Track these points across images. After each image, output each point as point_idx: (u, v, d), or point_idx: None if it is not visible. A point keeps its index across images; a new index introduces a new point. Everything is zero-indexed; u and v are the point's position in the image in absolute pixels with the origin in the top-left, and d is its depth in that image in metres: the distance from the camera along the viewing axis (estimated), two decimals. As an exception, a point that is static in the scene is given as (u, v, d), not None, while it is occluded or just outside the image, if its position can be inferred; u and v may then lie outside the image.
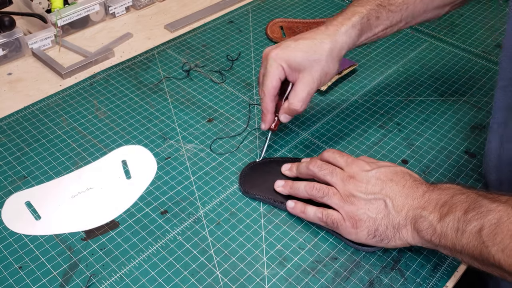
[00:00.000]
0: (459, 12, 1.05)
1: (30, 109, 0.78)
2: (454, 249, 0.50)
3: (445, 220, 0.51)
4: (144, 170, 0.69)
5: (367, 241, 0.56)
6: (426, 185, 0.55)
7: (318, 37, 0.63)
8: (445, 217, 0.51)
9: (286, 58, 0.63)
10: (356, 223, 0.56)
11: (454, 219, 0.50)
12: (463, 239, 0.49)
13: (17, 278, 0.56)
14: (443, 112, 0.80)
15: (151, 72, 0.87)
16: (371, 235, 0.55)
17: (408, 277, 0.57)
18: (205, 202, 0.65)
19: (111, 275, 0.56)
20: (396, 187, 0.56)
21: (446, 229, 0.50)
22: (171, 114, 0.78)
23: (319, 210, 0.59)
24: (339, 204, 0.57)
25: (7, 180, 0.67)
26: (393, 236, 0.55)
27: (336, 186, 0.58)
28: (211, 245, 0.60)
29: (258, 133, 0.75)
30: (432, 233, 0.52)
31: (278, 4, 1.07)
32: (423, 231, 0.52)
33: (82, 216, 0.63)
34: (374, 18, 0.66)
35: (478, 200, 0.50)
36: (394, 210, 0.55)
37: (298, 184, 0.61)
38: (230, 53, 0.92)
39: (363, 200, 0.56)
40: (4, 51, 0.87)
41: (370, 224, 0.55)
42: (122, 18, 1.01)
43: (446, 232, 0.50)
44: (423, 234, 0.52)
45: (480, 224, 0.48)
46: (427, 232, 0.52)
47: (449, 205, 0.51)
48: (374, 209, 0.55)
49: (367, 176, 0.57)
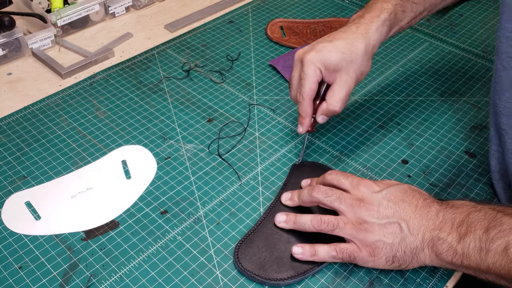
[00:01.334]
0: (459, 12, 1.05)
1: (30, 109, 0.78)
2: (478, 269, 0.49)
3: (466, 240, 0.49)
4: (144, 170, 0.69)
5: (385, 267, 0.54)
6: (438, 203, 0.54)
7: (351, 37, 0.63)
8: (465, 237, 0.49)
9: (323, 60, 0.62)
10: (373, 251, 0.53)
11: (475, 238, 0.48)
12: (488, 259, 0.47)
13: (17, 278, 0.56)
14: (443, 112, 0.80)
15: (151, 72, 0.87)
16: (389, 261, 0.53)
17: (408, 277, 0.57)
18: (205, 202, 0.65)
19: (111, 275, 0.56)
20: (409, 208, 0.53)
21: (468, 249, 0.49)
22: (171, 114, 0.78)
23: (331, 248, 0.55)
24: (352, 234, 0.54)
25: (7, 180, 0.67)
26: (411, 261, 0.53)
27: (345, 213, 0.55)
28: (211, 245, 0.60)
29: (258, 133, 0.75)
30: (453, 255, 0.50)
31: (278, 4, 1.07)
32: (443, 253, 0.51)
33: (82, 216, 0.63)
34: (400, 12, 0.66)
35: (498, 217, 0.48)
36: (410, 234, 0.52)
37: (304, 219, 0.57)
38: (230, 53, 0.92)
39: (377, 225, 0.53)
40: (4, 51, 0.87)
41: (388, 251, 0.53)
42: (122, 18, 1.01)
43: (468, 253, 0.49)
44: (443, 256, 0.51)
45: (505, 242, 0.46)
46: (447, 255, 0.50)
47: (466, 224, 0.50)
48: (390, 234, 0.53)
49: (377, 198, 0.54)
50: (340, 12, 1.04)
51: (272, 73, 0.87)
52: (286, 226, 0.59)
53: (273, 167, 0.70)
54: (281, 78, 0.86)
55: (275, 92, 0.83)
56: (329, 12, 1.04)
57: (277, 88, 0.84)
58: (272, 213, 0.61)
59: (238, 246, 0.58)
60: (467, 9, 1.06)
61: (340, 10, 1.05)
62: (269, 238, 0.59)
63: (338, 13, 1.04)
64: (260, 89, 0.84)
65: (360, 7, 1.06)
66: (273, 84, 0.85)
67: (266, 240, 0.58)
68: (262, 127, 0.77)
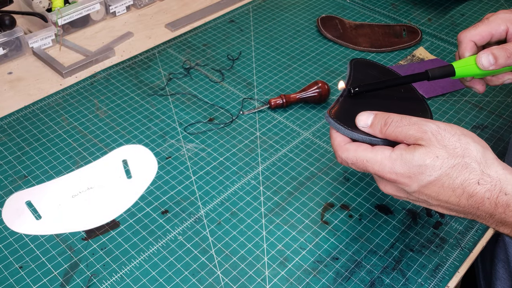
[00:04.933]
0: (460, 11, 1.05)
1: (30, 108, 0.78)
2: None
3: None
4: (145, 169, 0.69)
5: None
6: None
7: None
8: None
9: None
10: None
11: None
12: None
13: (17, 278, 0.56)
14: (444, 112, 0.80)
15: (151, 71, 0.87)
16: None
17: (410, 278, 0.57)
18: (206, 202, 0.65)
19: (112, 275, 0.56)
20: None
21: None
22: (171, 113, 0.78)
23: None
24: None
25: (8, 179, 0.67)
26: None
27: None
28: (212, 245, 0.60)
29: (259, 133, 0.75)
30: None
31: (278, 4, 1.07)
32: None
33: (82, 216, 0.63)
34: None
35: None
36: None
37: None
38: (230, 52, 0.92)
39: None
40: (5, 50, 0.87)
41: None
42: (122, 17, 1.01)
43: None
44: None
45: None
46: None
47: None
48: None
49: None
50: (341, 12, 1.04)
51: (273, 73, 0.87)
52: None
53: (274, 167, 0.70)
54: (281, 78, 0.86)
55: (276, 91, 0.83)
56: (329, 12, 1.04)
57: (278, 87, 0.84)
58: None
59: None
60: (468, 9, 1.06)
61: (341, 10, 1.05)
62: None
63: (339, 12, 1.04)
64: (261, 89, 0.84)
65: (361, 7, 1.06)
66: (274, 84, 0.85)
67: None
68: (263, 126, 0.76)
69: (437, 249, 0.60)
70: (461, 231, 0.62)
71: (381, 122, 0.49)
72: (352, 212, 0.64)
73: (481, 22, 0.59)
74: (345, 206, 0.65)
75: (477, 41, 0.58)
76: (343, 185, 0.68)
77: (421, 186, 0.47)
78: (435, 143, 0.46)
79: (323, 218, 0.63)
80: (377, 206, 0.65)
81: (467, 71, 0.56)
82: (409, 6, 1.07)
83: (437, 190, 0.47)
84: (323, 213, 0.64)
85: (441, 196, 0.47)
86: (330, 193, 0.67)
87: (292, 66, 0.89)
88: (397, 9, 1.06)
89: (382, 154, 0.48)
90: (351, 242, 0.61)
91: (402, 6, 1.07)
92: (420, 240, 0.61)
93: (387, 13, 1.04)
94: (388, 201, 0.66)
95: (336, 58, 0.91)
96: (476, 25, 0.58)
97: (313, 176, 0.69)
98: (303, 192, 0.67)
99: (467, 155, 0.46)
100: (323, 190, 0.67)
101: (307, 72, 0.88)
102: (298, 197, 0.66)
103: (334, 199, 0.66)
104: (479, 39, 0.58)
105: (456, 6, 1.07)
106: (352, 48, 0.93)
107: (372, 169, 0.49)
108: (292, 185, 0.67)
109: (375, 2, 1.08)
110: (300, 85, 0.85)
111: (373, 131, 0.50)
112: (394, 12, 1.05)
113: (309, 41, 0.96)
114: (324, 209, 0.65)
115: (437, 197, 0.48)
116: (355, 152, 0.49)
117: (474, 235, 0.62)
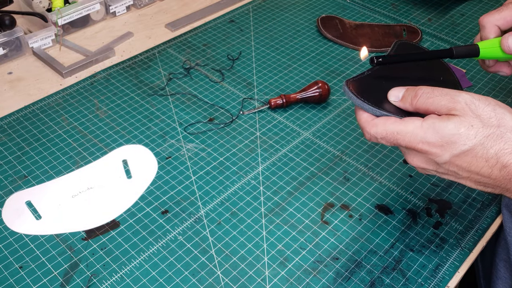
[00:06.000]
0: (460, 11, 1.05)
1: (30, 108, 0.78)
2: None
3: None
4: (145, 169, 0.69)
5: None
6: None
7: None
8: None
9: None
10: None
11: None
12: None
13: (17, 278, 0.56)
14: (445, 112, 0.80)
15: (151, 71, 0.87)
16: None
17: (410, 278, 0.57)
18: (206, 202, 0.65)
19: (112, 275, 0.56)
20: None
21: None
22: (171, 113, 0.78)
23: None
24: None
25: (8, 179, 0.67)
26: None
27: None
28: (212, 245, 0.60)
29: (259, 133, 0.75)
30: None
31: (278, 4, 1.07)
32: None
33: (82, 216, 0.63)
34: None
35: None
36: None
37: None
38: (230, 52, 0.92)
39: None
40: (5, 50, 0.87)
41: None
42: (122, 17, 1.01)
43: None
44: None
45: None
46: None
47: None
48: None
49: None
50: (341, 12, 1.04)
51: (273, 73, 0.87)
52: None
53: (274, 167, 0.70)
54: (281, 78, 0.86)
55: (276, 92, 0.83)
56: (330, 12, 1.04)
57: (278, 87, 0.84)
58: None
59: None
60: (468, 9, 1.06)
61: (341, 10, 1.05)
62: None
63: (339, 12, 1.04)
64: (261, 89, 0.84)
65: (361, 7, 1.06)
66: (274, 84, 0.85)
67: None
68: (263, 126, 0.76)
69: (437, 249, 0.60)
70: (461, 231, 0.62)
71: (411, 94, 0.48)
72: (352, 212, 0.64)
73: (504, 6, 0.58)
74: (345, 206, 0.65)
75: (501, 25, 0.57)
76: (343, 185, 0.68)
77: (454, 156, 0.46)
78: (469, 113, 0.45)
79: (323, 218, 0.63)
80: (377, 206, 0.65)
81: (491, 52, 0.56)
82: (409, 6, 1.07)
83: (470, 161, 0.46)
84: (323, 213, 0.64)
85: (473, 167, 0.46)
86: (330, 193, 0.67)
87: (292, 66, 0.89)
88: (397, 9, 1.06)
89: (413, 124, 0.47)
90: (351, 242, 0.61)
91: (402, 6, 1.07)
92: (420, 240, 0.61)
93: (387, 13, 1.04)
94: (388, 201, 0.66)
95: (336, 58, 0.91)
96: (499, 9, 0.58)
97: (313, 176, 0.69)
98: (303, 192, 0.67)
99: (503, 124, 0.45)
100: (323, 190, 0.67)
101: (307, 72, 0.88)
102: (298, 197, 0.66)
103: (334, 199, 0.66)
104: (503, 23, 0.57)
105: (456, 6, 1.07)
106: (352, 48, 0.93)
107: (403, 141, 0.48)
108: (292, 185, 0.67)
109: (375, 2, 1.08)
110: (300, 85, 0.85)
111: (403, 105, 0.49)
112: (394, 12, 1.05)
113: (309, 41, 0.96)
114: (324, 209, 0.65)
115: (469, 168, 0.46)
116: (384, 125, 0.49)
117: (474, 235, 0.62)
